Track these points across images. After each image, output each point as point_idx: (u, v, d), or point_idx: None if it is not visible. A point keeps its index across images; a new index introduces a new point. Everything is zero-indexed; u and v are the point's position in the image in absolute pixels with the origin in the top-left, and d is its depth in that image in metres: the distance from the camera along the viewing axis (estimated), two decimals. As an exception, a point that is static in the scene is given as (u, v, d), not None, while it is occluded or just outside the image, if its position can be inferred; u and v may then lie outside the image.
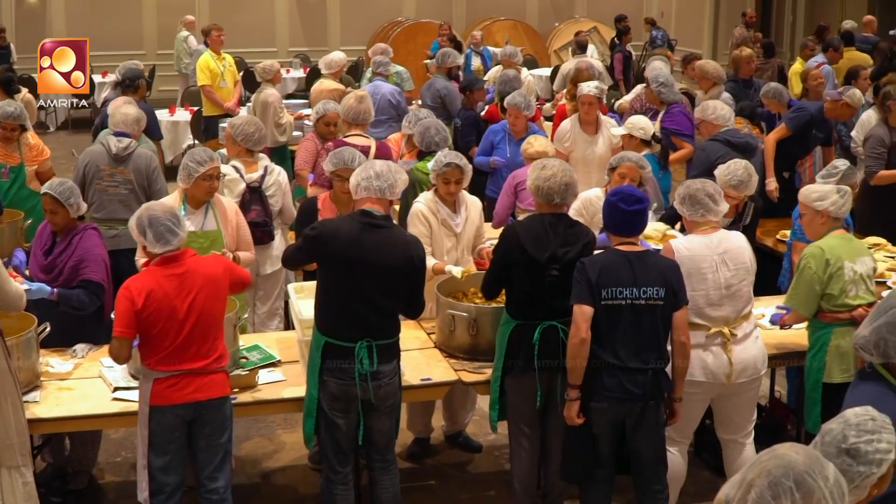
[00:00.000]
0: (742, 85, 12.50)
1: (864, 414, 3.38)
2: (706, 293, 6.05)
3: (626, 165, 7.42)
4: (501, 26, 22.90)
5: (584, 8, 25.21)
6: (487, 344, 6.35)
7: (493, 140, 9.93)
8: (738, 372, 6.13)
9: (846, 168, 7.46)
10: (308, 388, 5.90)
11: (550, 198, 6.06)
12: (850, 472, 3.26)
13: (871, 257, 6.55)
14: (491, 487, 7.20)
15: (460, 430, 7.59)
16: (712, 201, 6.16)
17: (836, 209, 6.54)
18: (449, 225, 7.09)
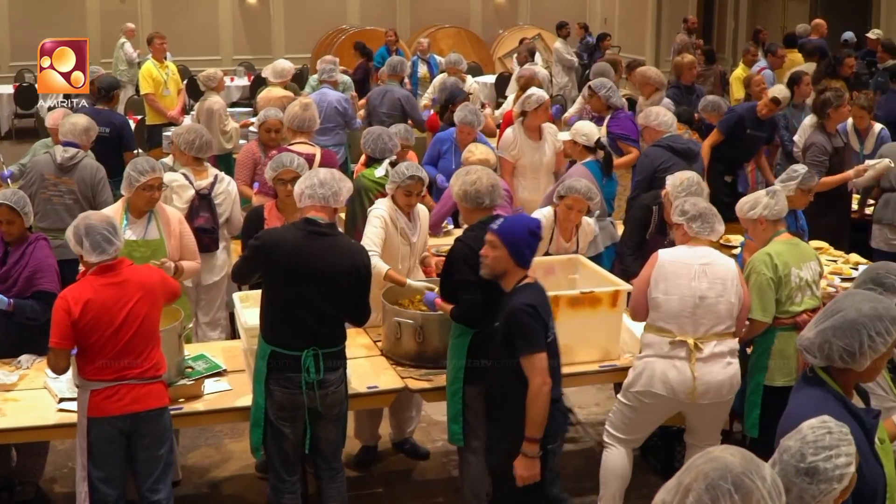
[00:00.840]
0: (684, 91, 12.60)
1: (820, 427, 3.37)
2: (680, 299, 6.07)
3: (573, 197, 7.37)
4: (446, 34, 22.94)
5: (527, 15, 25.28)
6: (434, 351, 6.37)
7: (440, 149, 9.90)
8: (701, 392, 6.08)
9: (805, 172, 7.54)
10: (254, 398, 5.88)
11: (480, 201, 6.12)
12: (809, 490, 3.28)
13: (817, 262, 6.60)
14: (439, 494, 7.20)
15: (407, 438, 7.59)
16: (718, 221, 6.24)
17: (770, 211, 6.61)
18: (406, 234, 7.10)
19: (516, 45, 21.57)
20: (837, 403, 3.92)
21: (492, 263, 5.49)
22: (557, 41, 20.40)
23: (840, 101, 9.64)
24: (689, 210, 6.21)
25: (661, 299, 6.06)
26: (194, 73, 18.21)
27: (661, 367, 6.07)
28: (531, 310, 5.31)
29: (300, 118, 8.93)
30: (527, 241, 5.48)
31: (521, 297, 5.40)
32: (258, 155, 9.25)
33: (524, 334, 5.29)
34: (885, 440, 4.13)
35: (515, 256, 5.44)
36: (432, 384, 6.34)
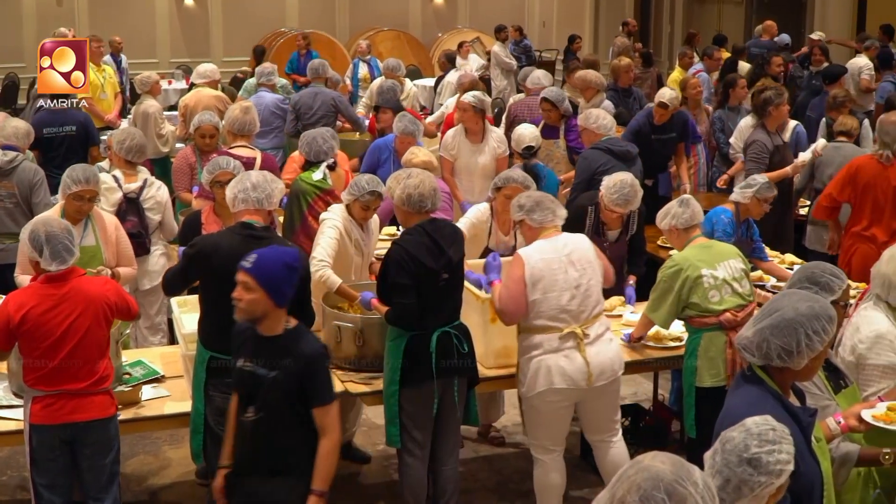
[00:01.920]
0: (622, 94, 12.70)
1: (764, 423, 3.40)
2: (558, 295, 6.12)
3: (511, 187, 7.40)
4: (385, 36, 22.92)
5: (466, 18, 25.32)
6: (374, 354, 6.37)
7: (379, 157, 9.78)
8: (597, 374, 6.19)
9: (764, 183, 7.63)
10: (194, 404, 5.85)
11: (423, 204, 6.12)
12: (750, 481, 3.30)
13: (738, 260, 6.63)
14: (381, 498, 7.21)
15: (349, 442, 7.57)
16: (556, 205, 6.29)
17: (678, 220, 6.70)
18: (360, 245, 7.10)
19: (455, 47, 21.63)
20: (775, 402, 3.95)
21: (248, 307, 4.93)
22: (496, 44, 20.45)
23: (780, 99, 9.78)
24: (526, 203, 6.24)
25: (541, 298, 6.09)
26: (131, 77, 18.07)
27: (553, 361, 6.13)
28: (327, 355, 5.13)
29: (241, 121, 8.91)
30: (286, 278, 5.01)
31: (311, 342, 5.05)
32: (193, 160, 9.20)
33: (324, 384, 5.01)
34: (821, 438, 4.18)
35: (275, 297, 4.93)
36: (372, 388, 6.33)
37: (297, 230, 7.75)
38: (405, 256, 5.99)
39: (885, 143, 8.53)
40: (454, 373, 6.15)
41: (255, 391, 4.98)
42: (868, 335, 5.07)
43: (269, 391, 4.94)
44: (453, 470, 6.40)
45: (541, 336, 6.17)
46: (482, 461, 7.66)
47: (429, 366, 6.03)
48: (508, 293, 6.16)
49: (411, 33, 24.06)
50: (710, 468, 3.34)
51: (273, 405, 4.94)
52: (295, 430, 4.96)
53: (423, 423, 6.17)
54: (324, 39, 21.54)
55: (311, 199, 7.77)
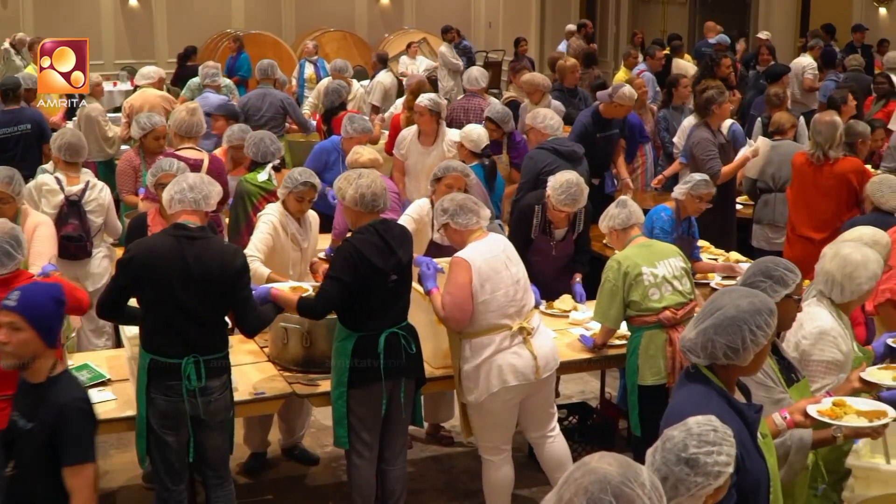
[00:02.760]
0: (567, 94, 12.74)
1: (706, 423, 3.40)
2: (505, 292, 6.16)
3: (452, 176, 7.45)
4: (331, 37, 22.87)
5: (413, 19, 25.32)
6: (321, 355, 6.36)
7: (326, 160, 9.68)
8: (543, 366, 6.26)
9: (700, 179, 7.69)
10: (138, 408, 5.80)
11: (376, 204, 6.10)
12: (686, 481, 3.30)
13: (676, 258, 6.68)
14: (329, 499, 7.20)
15: (297, 443, 7.56)
16: (478, 206, 6.31)
17: (615, 221, 6.76)
18: (297, 241, 7.10)
19: (403, 48, 21.63)
20: (720, 399, 3.97)
21: (17, 350, 4.45)
22: (443, 45, 20.48)
23: (723, 97, 9.83)
24: (449, 207, 6.25)
25: (490, 298, 6.12)
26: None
27: (503, 360, 6.17)
28: (88, 408, 4.60)
29: (188, 123, 8.85)
30: (56, 315, 4.62)
31: (69, 390, 4.57)
32: (137, 162, 9.12)
33: (77, 439, 4.48)
34: (766, 434, 4.21)
35: (46, 336, 4.50)
36: (320, 389, 6.31)
37: (241, 231, 7.74)
38: (354, 255, 5.98)
39: (817, 142, 8.63)
40: (402, 374, 6.15)
41: (13, 444, 4.53)
42: (811, 331, 5.11)
43: (24, 445, 4.49)
44: (401, 470, 6.41)
45: (490, 336, 6.18)
46: (431, 461, 7.68)
47: (377, 367, 6.02)
48: (453, 300, 6.14)
49: (357, 34, 24.03)
50: (650, 465, 3.34)
51: (27, 461, 4.48)
52: (51, 491, 4.45)
53: (371, 424, 6.17)
54: (270, 40, 21.49)
55: (256, 199, 7.76)
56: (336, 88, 12.15)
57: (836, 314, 5.22)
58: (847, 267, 5.23)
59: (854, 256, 5.25)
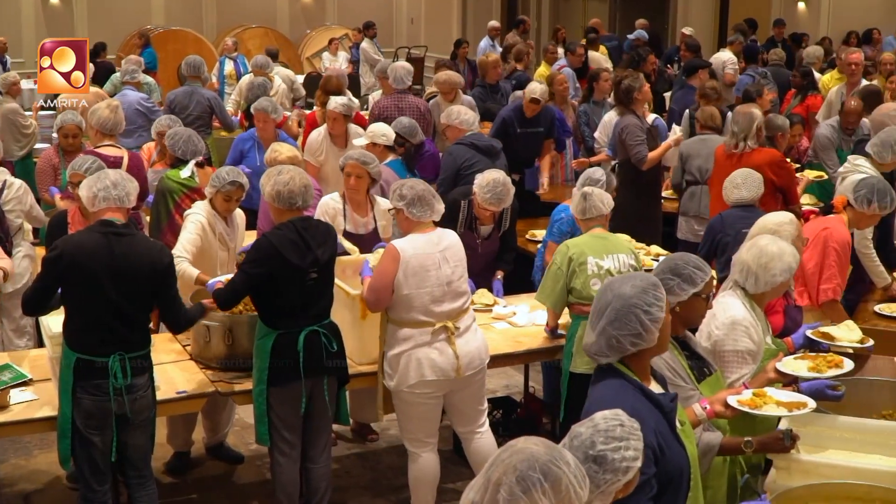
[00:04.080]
0: (489, 89, 12.78)
1: (613, 419, 3.40)
2: (430, 290, 6.18)
3: (350, 164, 7.50)
4: (253, 34, 22.75)
5: (334, 15, 25.26)
6: (244, 353, 6.33)
7: (242, 149, 9.77)
8: (466, 364, 6.28)
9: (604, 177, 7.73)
10: (61, 408, 5.74)
11: (294, 201, 6.10)
12: (596, 478, 3.29)
13: (628, 255, 6.75)
14: (254, 498, 7.17)
15: (221, 442, 7.52)
16: (436, 201, 6.31)
17: (576, 210, 6.86)
18: (224, 240, 7.07)
19: (325, 44, 21.58)
20: (635, 391, 4.00)
21: None
22: (364, 41, 20.45)
23: (640, 83, 10.04)
24: (407, 195, 6.25)
25: (414, 294, 6.15)
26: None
27: (424, 354, 6.20)
28: None
29: (111, 121, 8.76)
30: None
31: None
32: (56, 161, 9.02)
33: None
34: (685, 422, 4.25)
35: None
36: (243, 387, 6.29)
37: (163, 228, 7.69)
38: (268, 249, 5.99)
39: (734, 132, 8.75)
40: (323, 372, 6.15)
41: None
42: (724, 322, 5.18)
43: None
44: (325, 468, 6.41)
45: (412, 330, 6.20)
46: (356, 458, 7.68)
47: (296, 365, 6.02)
48: (374, 284, 6.20)
49: (279, 30, 23.92)
50: None
51: None
52: None
53: (292, 422, 6.16)
54: (191, 37, 21.33)
55: (178, 196, 7.71)
56: (259, 84, 12.07)
57: (748, 305, 5.29)
58: (762, 258, 5.31)
59: (770, 248, 5.33)
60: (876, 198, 6.83)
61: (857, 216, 6.92)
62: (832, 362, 5.19)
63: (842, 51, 15.23)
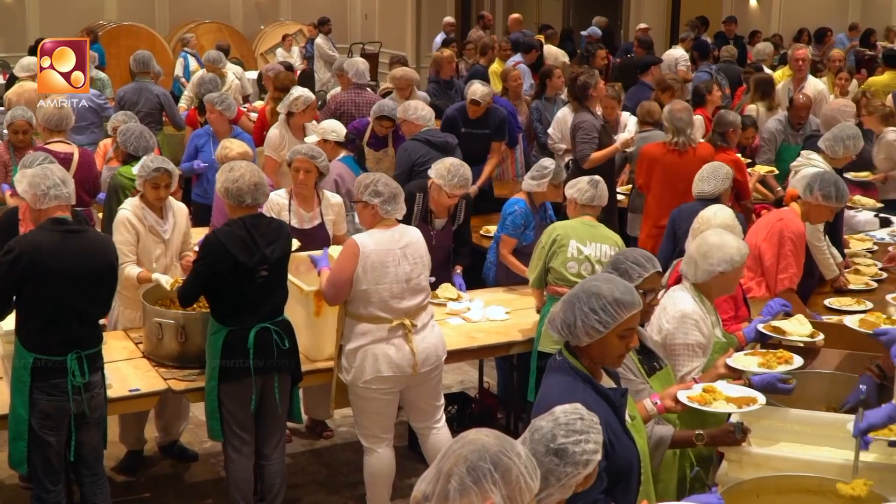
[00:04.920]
0: (443, 85, 12.79)
1: (573, 412, 3.45)
2: (389, 287, 6.19)
3: (299, 158, 7.50)
4: (206, 29, 22.60)
5: (288, 10, 25.14)
6: (197, 351, 6.31)
7: (197, 144, 9.78)
8: (422, 361, 6.31)
9: (554, 168, 7.77)
10: (15, 410, 5.67)
11: (241, 199, 6.09)
12: (556, 471, 3.34)
13: (611, 246, 6.82)
14: (209, 496, 7.15)
15: (175, 440, 7.49)
16: (402, 198, 6.33)
17: (581, 195, 6.92)
18: (157, 232, 7.01)
19: (279, 40, 21.49)
20: (586, 386, 4.04)
21: None
22: (319, 36, 20.40)
23: (595, 79, 10.10)
24: (384, 192, 6.25)
25: (372, 290, 6.16)
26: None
27: (380, 350, 6.22)
28: None
29: (56, 116, 8.71)
30: None
31: None
32: (7, 157, 8.94)
33: None
34: (635, 416, 4.29)
35: None
36: (196, 384, 6.28)
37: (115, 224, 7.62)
38: (216, 246, 6.00)
39: (678, 129, 8.84)
40: (274, 369, 6.15)
41: None
42: (674, 315, 5.23)
43: None
44: (279, 465, 6.41)
45: (369, 325, 6.21)
46: (311, 455, 7.68)
47: (247, 362, 6.02)
48: (332, 278, 6.21)
49: (233, 26, 23.78)
50: None
51: None
52: None
53: (244, 419, 6.17)
54: (143, 32, 21.15)
55: (130, 193, 7.63)
56: (211, 80, 12.01)
57: (698, 298, 5.34)
58: (703, 247, 5.37)
59: (712, 239, 5.40)
60: (818, 186, 6.82)
61: (808, 209, 6.95)
62: (782, 358, 5.23)
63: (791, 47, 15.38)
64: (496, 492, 2.88)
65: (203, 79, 12.17)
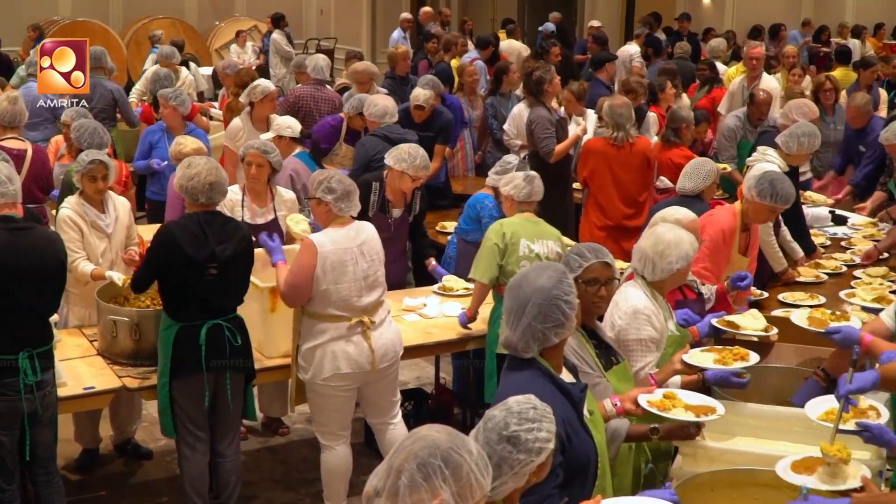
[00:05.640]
0: (399, 81, 12.78)
1: (526, 402, 3.46)
2: (348, 286, 6.18)
3: (251, 153, 7.48)
4: (161, 24, 22.44)
5: (243, 6, 25.05)
6: (151, 348, 6.27)
7: (151, 140, 9.72)
8: (380, 357, 6.31)
9: (517, 162, 7.79)
10: None
11: (196, 197, 6.08)
12: (510, 459, 3.35)
13: (555, 242, 6.87)
14: (164, 494, 7.11)
15: (129, 438, 7.45)
16: (358, 197, 6.31)
17: (518, 192, 6.92)
18: (99, 226, 6.95)
19: (233, 36, 21.41)
20: (545, 381, 4.05)
21: None
22: (275, 32, 20.34)
23: (550, 74, 10.15)
24: (337, 189, 6.22)
25: (332, 289, 6.15)
26: None
27: (339, 347, 6.21)
28: None
29: (10, 112, 8.65)
30: None
31: None
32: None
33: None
34: (594, 411, 4.31)
35: None
36: (150, 382, 6.24)
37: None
38: (166, 237, 6.00)
39: (618, 124, 8.98)
40: (226, 367, 6.13)
41: None
42: (626, 311, 5.24)
43: None
44: (234, 463, 6.39)
45: (328, 323, 6.20)
46: (267, 452, 7.66)
47: (198, 359, 6.00)
48: (293, 280, 6.16)
49: (187, 21, 23.67)
50: None
51: None
52: None
53: (196, 416, 6.14)
54: (97, 28, 21.00)
55: (83, 190, 7.60)
56: (165, 76, 11.94)
57: (650, 293, 5.36)
58: (659, 245, 5.38)
59: (667, 236, 5.40)
60: (755, 184, 6.74)
61: (748, 207, 6.87)
62: (738, 355, 5.26)
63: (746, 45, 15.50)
64: (446, 489, 2.88)
65: (157, 74, 12.11)
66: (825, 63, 18.24)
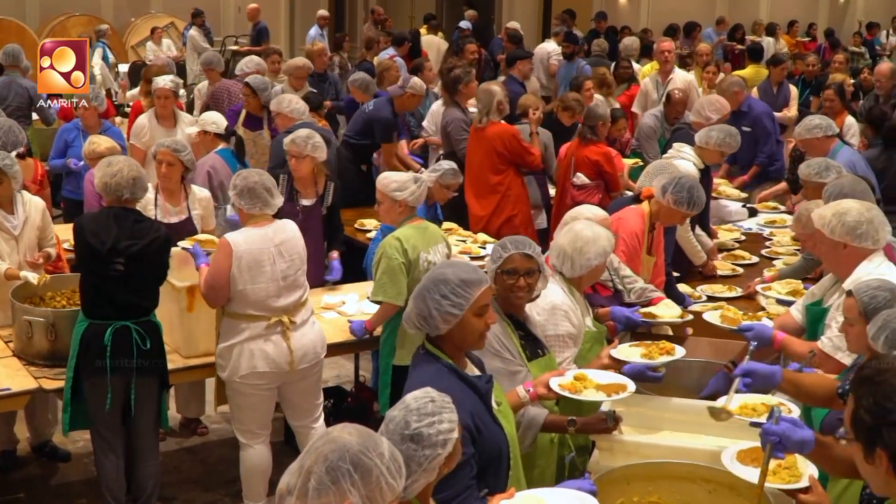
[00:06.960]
0: (317, 78, 12.77)
1: (423, 397, 3.48)
2: (266, 286, 6.17)
3: (162, 151, 7.42)
4: (77, 22, 22.20)
5: (160, 3, 24.81)
6: (67, 348, 6.20)
7: (66, 139, 9.63)
8: (300, 358, 6.30)
9: (448, 168, 7.82)
10: None
11: (120, 194, 6.04)
12: (416, 456, 3.36)
13: (444, 244, 6.87)
14: (82, 496, 7.05)
15: (47, 440, 7.37)
16: (269, 195, 6.24)
17: (414, 198, 6.82)
18: (6, 228, 6.83)
19: (148, 33, 21.21)
20: (450, 374, 4.11)
21: None
22: (193, 29, 20.19)
23: (469, 76, 10.22)
24: (238, 185, 6.21)
25: (249, 289, 6.14)
26: None
27: (256, 346, 6.20)
28: None
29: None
30: None
31: None
32: None
33: None
34: (502, 402, 4.34)
35: None
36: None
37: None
38: (77, 227, 6.02)
39: (478, 109, 9.30)
40: (132, 371, 6.05)
41: None
42: (544, 307, 5.29)
43: None
44: (153, 467, 6.36)
45: (247, 322, 6.19)
46: (185, 453, 7.61)
47: (103, 360, 5.96)
48: (210, 280, 6.16)
49: (103, 18, 23.39)
50: None
51: None
52: None
53: (103, 419, 6.10)
54: (13, 26, 20.69)
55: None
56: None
57: (567, 289, 5.43)
58: (577, 242, 5.44)
59: (585, 233, 5.47)
60: (672, 190, 6.55)
61: (660, 209, 6.71)
62: (664, 349, 5.31)
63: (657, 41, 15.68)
64: (354, 492, 2.86)
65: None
66: (740, 61, 18.49)
